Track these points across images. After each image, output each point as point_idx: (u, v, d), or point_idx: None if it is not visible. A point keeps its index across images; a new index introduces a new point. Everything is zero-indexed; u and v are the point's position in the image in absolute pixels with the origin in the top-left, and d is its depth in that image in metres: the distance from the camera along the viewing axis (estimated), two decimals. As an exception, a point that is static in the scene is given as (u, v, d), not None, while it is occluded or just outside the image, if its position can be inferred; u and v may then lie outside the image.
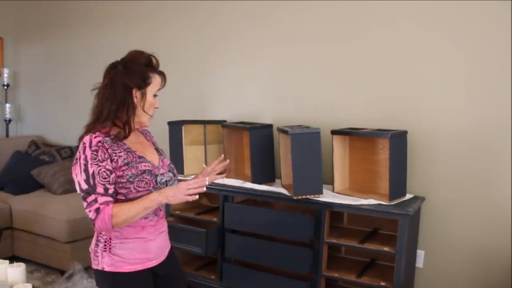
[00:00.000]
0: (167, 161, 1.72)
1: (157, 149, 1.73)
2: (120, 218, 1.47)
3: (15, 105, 4.72)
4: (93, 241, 1.63)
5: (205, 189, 1.52)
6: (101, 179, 1.48)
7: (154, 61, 1.62)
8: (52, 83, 4.44)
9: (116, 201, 1.53)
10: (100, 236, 1.60)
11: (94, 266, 1.61)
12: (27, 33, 4.61)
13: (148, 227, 1.62)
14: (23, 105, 4.74)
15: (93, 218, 1.47)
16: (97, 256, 1.59)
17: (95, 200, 1.47)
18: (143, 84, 1.58)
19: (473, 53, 2.43)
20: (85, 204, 1.49)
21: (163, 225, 1.73)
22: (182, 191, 1.48)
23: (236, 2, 3.20)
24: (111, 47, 3.89)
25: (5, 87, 4.59)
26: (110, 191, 1.50)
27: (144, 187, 1.54)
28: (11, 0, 4.62)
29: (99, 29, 4.01)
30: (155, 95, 1.62)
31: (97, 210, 1.46)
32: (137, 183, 1.53)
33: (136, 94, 1.57)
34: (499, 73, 2.37)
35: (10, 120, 4.59)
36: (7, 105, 4.58)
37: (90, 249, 1.63)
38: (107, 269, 1.57)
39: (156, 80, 1.61)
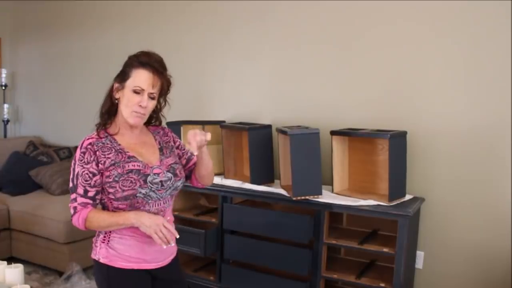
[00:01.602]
0: (170, 160, 1.67)
1: (161, 149, 1.68)
2: (92, 224, 1.53)
3: (13, 105, 4.71)
4: (96, 230, 1.65)
5: (172, 243, 1.51)
6: (83, 180, 1.52)
7: (143, 56, 1.55)
8: (50, 83, 4.42)
9: (109, 200, 1.55)
10: None
11: (92, 256, 1.65)
12: (25, 33, 4.60)
13: None
14: (21, 106, 4.73)
15: (71, 214, 1.54)
16: (96, 246, 1.63)
17: (75, 199, 1.54)
18: (122, 77, 1.56)
19: (473, 54, 2.43)
20: (70, 199, 1.56)
21: None
22: (154, 228, 1.49)
23: (235, 3, 3.19)
24: (109, 48, 3.88)
25: (3, 88, 4.58)
26: (90, 194, 1.53)
27: (129, 186, 1.53)
28: (9, 0, 4.61)
29: (97, 30, 4.00)
30: (136, 92, 1.53)
31: (75, 209, 1.53)
32: (122, 182, 1.53)
33: (116, 87, 1.58)
34: (499, 73, 2.37)
35: (8, 121, 4.58)
36: (5, 106, 4.57)
37: (93, 239, 1.67)
38: (102, 260, 1.60)
39: (138, 75, 1.53)
